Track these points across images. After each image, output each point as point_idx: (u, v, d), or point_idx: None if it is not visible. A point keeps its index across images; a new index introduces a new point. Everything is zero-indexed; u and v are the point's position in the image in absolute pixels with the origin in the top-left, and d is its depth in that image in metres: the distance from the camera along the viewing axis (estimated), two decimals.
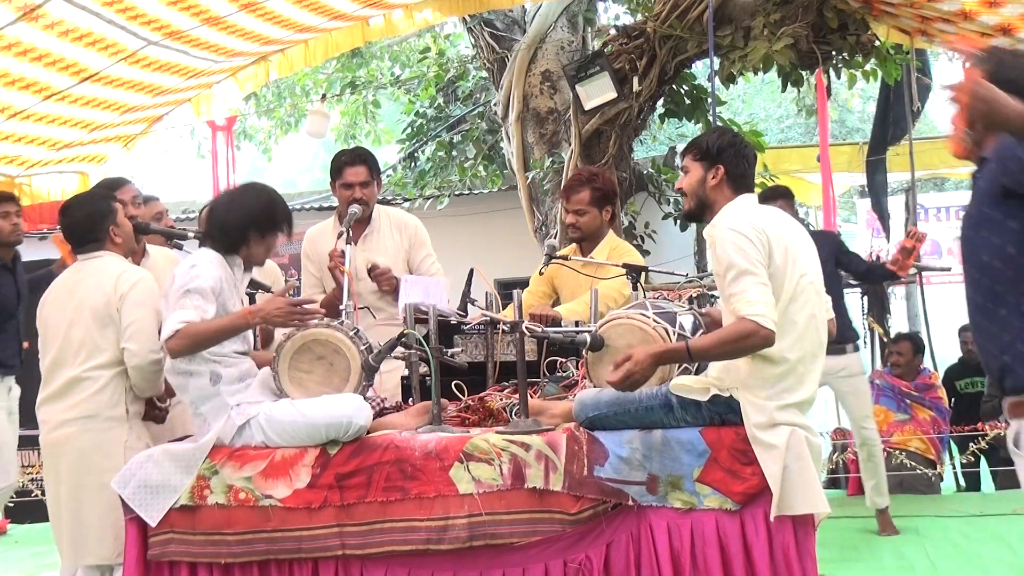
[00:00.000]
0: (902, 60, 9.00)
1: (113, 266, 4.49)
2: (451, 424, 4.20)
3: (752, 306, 3.60)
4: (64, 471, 4.40)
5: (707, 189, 4.01)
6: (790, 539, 3.72)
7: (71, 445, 4.37)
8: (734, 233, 3.76)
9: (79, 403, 4.37)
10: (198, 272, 4.08)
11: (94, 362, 4.38)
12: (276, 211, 4.30)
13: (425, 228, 5.61)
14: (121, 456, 4.28)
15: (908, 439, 8.31)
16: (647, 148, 15.64)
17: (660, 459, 3.81)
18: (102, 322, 4.37)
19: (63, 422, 4.39)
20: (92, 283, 4.44)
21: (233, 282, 4.23)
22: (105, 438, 4.34)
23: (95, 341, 4.38)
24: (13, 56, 5.61)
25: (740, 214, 3.87)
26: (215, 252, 4.22)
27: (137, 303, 4.37)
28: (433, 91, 13.19)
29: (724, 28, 8.22)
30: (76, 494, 4.36)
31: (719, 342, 3.70)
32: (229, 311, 4.14)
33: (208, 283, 4.06)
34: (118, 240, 4.59)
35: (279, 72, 8.18)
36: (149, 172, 19.93)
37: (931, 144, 13.93)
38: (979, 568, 5.92)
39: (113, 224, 4.57)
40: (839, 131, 21.53)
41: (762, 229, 3.77)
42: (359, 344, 4.16)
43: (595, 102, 8.91)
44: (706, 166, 4.01)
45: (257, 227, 4.25)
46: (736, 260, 3.69)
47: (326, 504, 3.93)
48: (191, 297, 4.02)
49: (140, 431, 4.44)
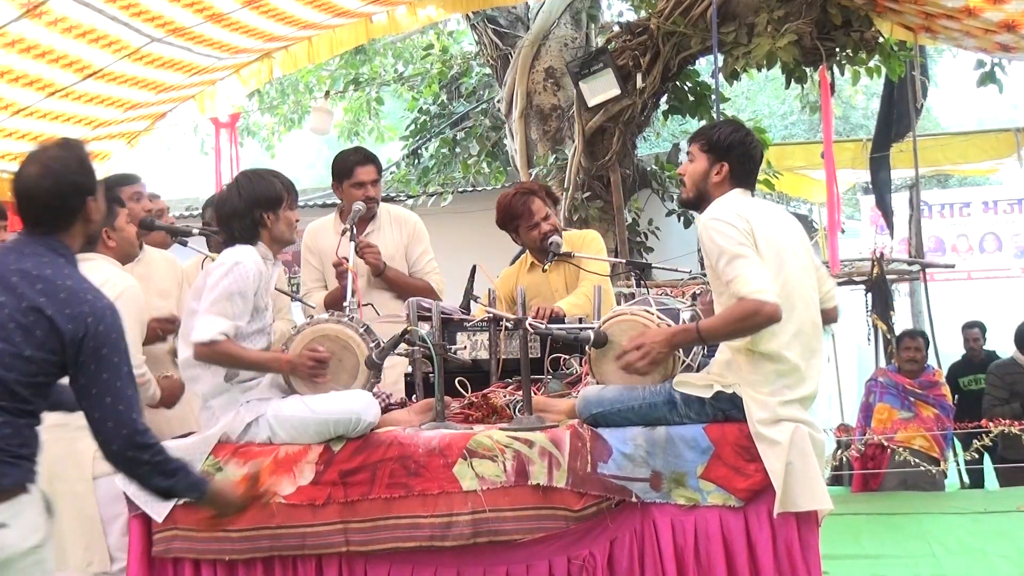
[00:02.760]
0: (906, 56, 8.99)
1: (99, 272, 4.30)
2: (455, 421, 4.20)
3: (750, 284, 3.60)
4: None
5: (709, 184, 4.01)
6: (794, 536, 3.72)
7: (43, 454, 4.32)
8: (715, 221, 3.78)
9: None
10: (242, 271, 4.02)
11: None
12: (276, 184, 4.23)
13: (427, 225, 5.62)
14: (90, 466, 4.24)
15: (912, 436, 8.31)
16: (650, 145, 15.61)
17: (664, 456, 3.81)
18: None
19: None
20: None
21: (267, 278, 4.18)
22: (75, 447, 4.21)
23: None
24: (17, 53, 5.60)
25: (726, 204, 3.88)
26: (251, 247, 4.16)
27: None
28: (436, 88, 13.20)
29: (728, 25, 8.22)
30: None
31: (726, 322, 3.71)
32: (259, 309, 4.11)
33: (250, 285, 4.02)
34: (112, 244, 4.49)
35: (283, 69, 8.17)
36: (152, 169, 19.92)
37: (935, 141, 13.96)
38: (983, 565, 5.91)
39: (108, 227, 4.46)
40: (843, 128, 21.47)
41: (746, 218, 3.77)
42: (368, 341, 4.15)
43: (598, 99, 8.91)
44: (712, 160, 4.00)
45: (266, 204, 4.17)
46: (724, 245, 3.70)
47: (330, 501, 3.93)
48: (233, 302, 3.98)
49: None
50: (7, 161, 7.03)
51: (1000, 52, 7.87)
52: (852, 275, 10.22)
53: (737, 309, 3.65)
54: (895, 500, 7.85)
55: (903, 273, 11.08)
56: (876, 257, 9.72)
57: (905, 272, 11.07)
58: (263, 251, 4.20)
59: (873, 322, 9.68)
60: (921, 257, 11.06)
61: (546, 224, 5.20)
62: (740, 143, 4.01)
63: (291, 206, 4.28)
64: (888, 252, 10.65)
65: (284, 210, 4.24)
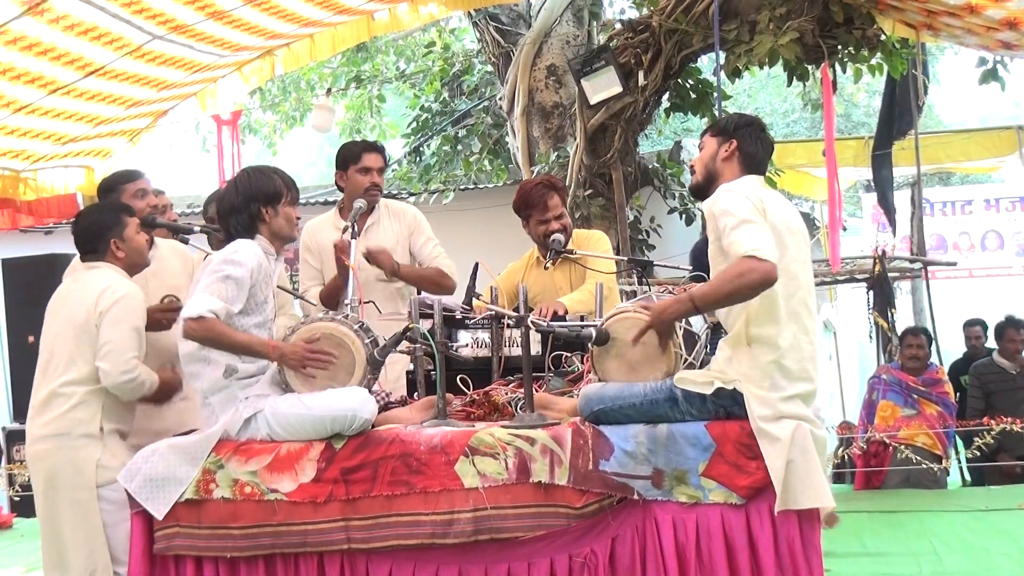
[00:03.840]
0: (908, 54, 8.98)
1: (101, 279, 4.40)
2: (456, 418, 4.21)
3: (746, 244, 3.59)
4: (40, 487, 4.36)
5: (717, 161, 4.04)
6: (795, 533, 3.72)
7: (45, 462, 4.32)
8: (728, 192, 3.81)
9: (53, 420, 4.30)
10: (240, 259, 4.05)
11: (68, 376, 4.30)
12: (275, 180, 4.25)
13: (429, 223, 5.62)
14: (93, 475, 4.24)
15: (915, 434, 8.31)
16: (652, 142, 15.63)
17: (665, 453, 3.80)
18: (80, 337, 4.31)
19: (39, 438, 4.33)
20: (79, 295, 4.38)
21: (268, 272, 4.20)
22: (77, 455, 4.26)
23: (72, 355, 4.32)
24: (18, 50, 5.60)
25: (740, 183, 3.89)
26: (252, 240, 4.19)
27: (116, 321, 4.29)
28: (438, 85, 13.21)
29: (730, 22, 8.21)
30: (51, 510, 4.32)
31: (720, 283, 3.69)
32: (258, 301, 4.13)
33: (247, 273, 4.04)
34: (120, 254, 4.49)
35: (284, 67, 8.17)
36: (154, 166, 19.94)
37: (937, 138, 13.96)
38: (985, 562, 5.91)
39: (116, 238, 4.47)
40: (844, 125, 21.49)
41: (759, 199, 3.79)
42: (364, 338, 4.15)
43: (600, 96, 8.91)
44: (720, 140, 4.06)
45: (264, 200, 4.20)
46: (733, 210, 3.70)
47: (331, 498, 3.93)
48: (227, 285, 4.00)
49: (116, 449, 4.34)
50: (9, 159, 7.04)
51: (1002, 50, 7.86)
52: (854, 273, 10.22)
53: (732, 267, 3.62)
54: (897, 498, 7.85)
55: (905, 271, 11.08)
56: (878, 255, 9.73)
57: (907, 270, 11.08)
58: (264, 246, 4.22)
59: (874, 320, 9.69)
60: (923, 255, 11.06)
61: (556, 223, 5.21)
62: (748, 124, 4.08)
63: (291, 202, 4.29)
64: (890, 250, 10.65)
65: (283, 206, 4.26)
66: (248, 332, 4.10)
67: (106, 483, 4.24)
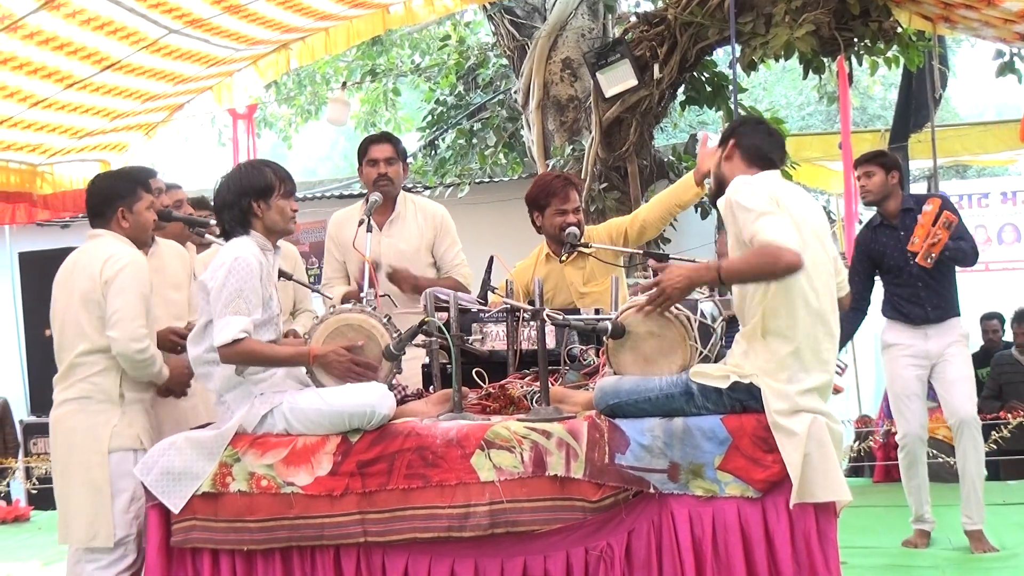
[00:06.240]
0: (924, 47, 8.94)
1: (105, 248, 4.40)
2: (472, 412, 4.21)
3: (769, 233, 3.59)
4: (58, 450, 4.40)
5: (721, 165, 4.08)
6: (812, 527, 3.72)
7: (65, 424, 4.36)
8: (744, 184, 3.81)
9: (75, 383, 4.35)
10: (243, 266, 4.03)
11: (83, 347, 4.33)
12: (266, 173, 4.23)
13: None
14: (107, 439, 4.27)
15: (936, 427, 8.27)
16: (668, 136, 15.59)
17: (681, 447, 3.80)
18: (87, 307, 4.32)
19: (63, 401, 4.38)
20: (83, 264, 4.38)
21: (268, 269, 4.19)
22: (95, 420, 4.30)
23: (82, 327, 4.33)
24: (35, 44, 5.63)
25: (756, 178, 3.89)
26: (247, 238, 4.19)
27: (121, 289, 4.29)
28: (453, 79, 13.21)
29: (745, 15, 8.19)
30: (65, 473, 4.36)
31: (748, 264, 3.68)
32: (264, 299, 4.12)
33: (255, 277, 4.04)
34: (125, 224, 4.49)
35: (300, 60, 8.17)
36: (170, 160, 20.00)
37: (953, 131, 13.87)
38: (1002, 556, 5.90)
39: (125, 207, 4.48)
40: (860, 118, 21.40)
41: (775, 192, 3.80)
42: (392, 331, 4.15)
43: (615, 90, 8.90)
44: (721, 147, 4.12)
45: (255, 194, 4.17)
46: (750, 204, 3.70)
47: (348, 492, 3.94)
48: (243, 298, 4.00)
49: (135, 417, 4.37)
50: (26, 153, 7.07)
51: (1019, 42, 7.83)
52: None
53: (759, 252, 3.62)
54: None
55: None
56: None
57: None
58: (260, 241, 4.21)
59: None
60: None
61: (573, 216, 5.22)
62: (742, 123, 4.15)
63: (285, 195, 4.26)
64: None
65: (276, 199, 4.22)
66: (256, 332, 4.09)
67: (116, 449, 4.28)
